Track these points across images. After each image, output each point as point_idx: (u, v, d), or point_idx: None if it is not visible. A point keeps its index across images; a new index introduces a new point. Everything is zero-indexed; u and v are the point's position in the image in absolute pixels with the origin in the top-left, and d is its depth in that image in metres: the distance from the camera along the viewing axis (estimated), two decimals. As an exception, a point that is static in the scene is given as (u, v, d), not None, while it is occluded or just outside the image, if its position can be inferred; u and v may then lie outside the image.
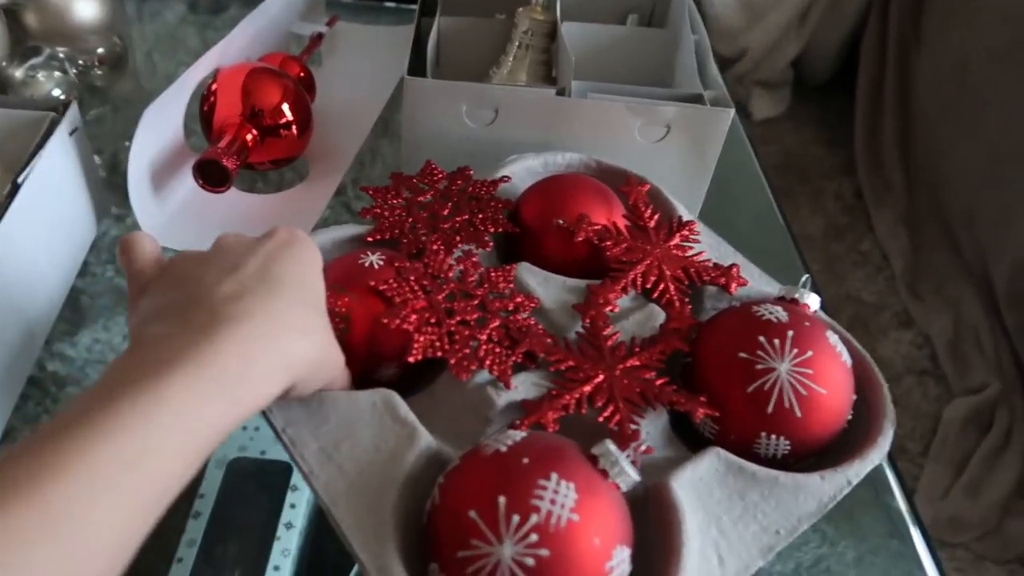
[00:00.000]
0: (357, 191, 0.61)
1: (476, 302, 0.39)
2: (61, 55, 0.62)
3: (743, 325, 0.37)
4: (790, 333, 0.36)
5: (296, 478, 0.44)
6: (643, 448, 0.33)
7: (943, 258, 1.31)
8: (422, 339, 0.36)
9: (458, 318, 0.38)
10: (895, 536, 0.48)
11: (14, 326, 0.47)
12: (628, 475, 0.30)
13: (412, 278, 0.38)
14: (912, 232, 1.38)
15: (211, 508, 0.42)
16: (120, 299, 0.53)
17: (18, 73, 0.61)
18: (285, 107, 0.57)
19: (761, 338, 0.36)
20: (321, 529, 0.44)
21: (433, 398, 0.37)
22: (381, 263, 0.38)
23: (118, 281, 0.54)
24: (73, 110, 0.50)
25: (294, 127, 0.58)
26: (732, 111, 0.52)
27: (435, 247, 0.41)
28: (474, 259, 0.41)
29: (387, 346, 0.37)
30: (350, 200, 0.61)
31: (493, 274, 0.40)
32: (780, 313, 0.37)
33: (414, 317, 0.37)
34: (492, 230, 0.44)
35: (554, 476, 0.29)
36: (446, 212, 0.44)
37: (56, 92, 0.62)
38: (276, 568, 0.41)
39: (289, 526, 0.42)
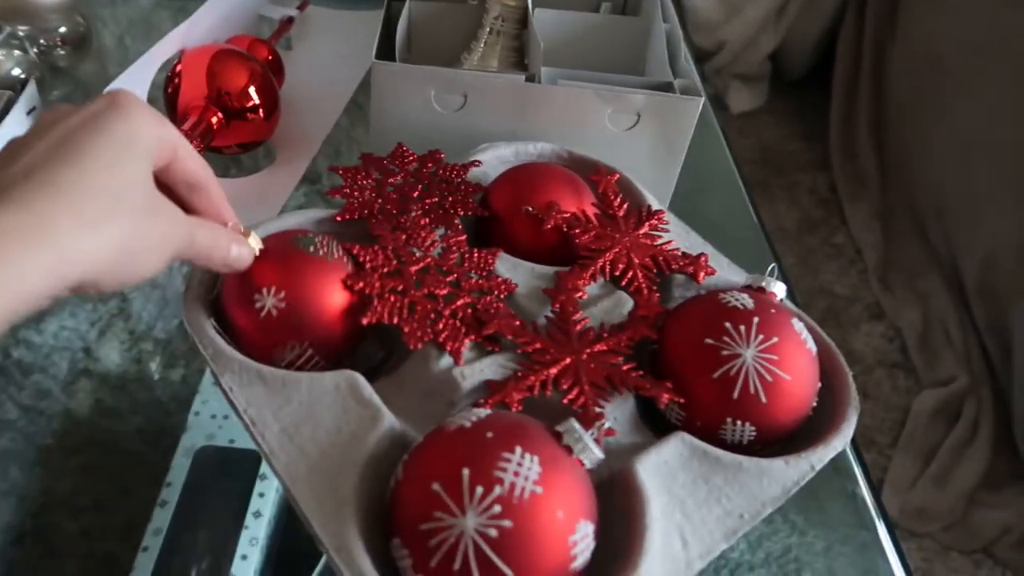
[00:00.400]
0: (334, 179, 0.60)
1: (450, 278, 0.38)
2: (21, 34, 0.61)
3: (710, 312, 0.38)
4: (755, 320, 0.36)
5: (265, 467, 0.43)
6: (605, 427, 0.33)
7: (914, 251, 1.32)
8: (380, 304, 0.36)
9: (426, 290, 0.37)
10: (864, 526, 0.48)
11: None
12: (592, 452, 0.30)
13: (389, 247, 0.38)
14: (885, 226, 1.39)
15: (178, 497, 0.42)
16: None
17: (-21, 52, 0.59)
18: (252, 90, 0.56)
19: (727, 324, 0.36)
20: (290, 518, 0.43)
21: (399, 381, 0.37)
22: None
23: None
24: (31, 89, 0.49)
25: (261, 111, 0.57)
26: (702, 99, 0.52)
27: (423, 221, 0.41)
28: (459, 238, 0.41)
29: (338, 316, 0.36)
30: (323, 185, 0.60)
31: (476, 255, 0.40)
32: (746, 300, 0.38)
33: (378, 284, 0.36)
34: (462, 213, 0.44)
35: (518, 449, 0.29)
36: (416, 194, 0.44)
37: (16, 72, 0.60)
38: (244, 557, 0.40)
39: (257, 515, 0.42)
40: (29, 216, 0.26)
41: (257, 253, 0.36)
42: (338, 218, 0.42)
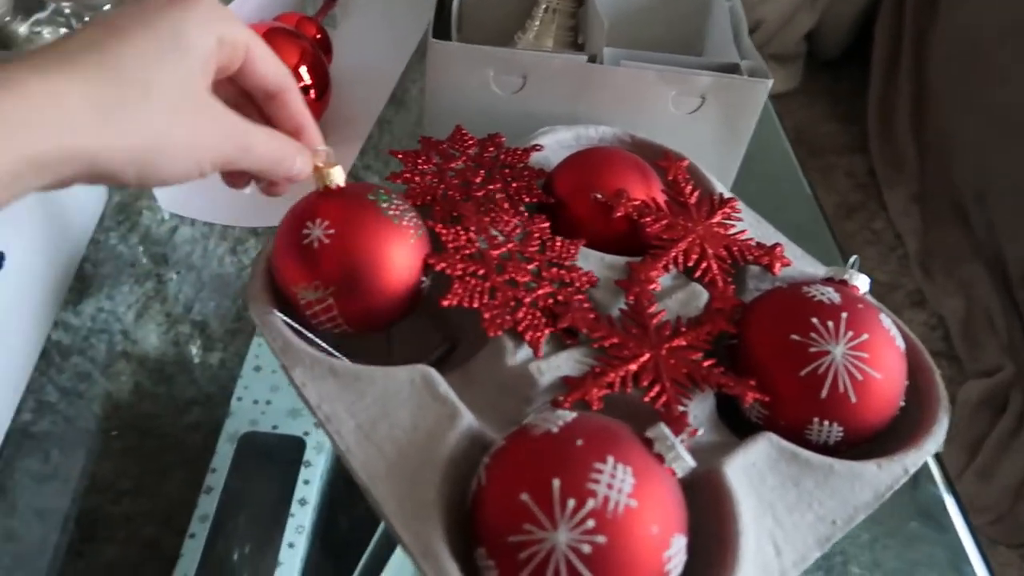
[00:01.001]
0: (366, 160, 0.59)
1: (532, 266, 0.37)
2: (67, 10, 0.60)
3: (794, 306, 0.36)
4: (844, 315, 0.35)
5: (309, 454, 0.43)
6: (691, 431, 0.32)
7: (956, 237, 1.29)
8: (461, 286, 0.35)
9: (508, 276, 0.36)
10: (911, 518, 0.47)
11: (28, 298, 0.45)
12: (684, 460, 0.29)
13: (472, 228, 0.37)
14: (925, 211, 1.36)
15: (223, 483, 0.41)
16: (124, 267, 0.52)
17: (22, 29, 0.58)
18: (303, 70, 0.55)
19: (814, 320, 0.35)
20: (335, 505, 0.43)
21: (470, 375, 0.36)
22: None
23: (121, 249, 0.53)
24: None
25: (312, 91, 0.55)
26: (770, 82, 0.50)
27: (505, 205, 0.39)
28: (542, 224, 0.39)
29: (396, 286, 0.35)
30: (357, 169, 0.59)
31: (558, 244, 0.39)
32: (832, 294, 0.36)
33: (460, 265, 0.35)
34: (527, 200, 0.42)
35: (610, 459, 0.27)
36: (478, 180, 0.43)
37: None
38: (291, 545, 0.40)
39: (303, 502, 0.41)
40: (38, 80, 0.25)
41: (339, 184, 0.35)
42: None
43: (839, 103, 1.65)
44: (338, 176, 0.35)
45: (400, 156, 0.43)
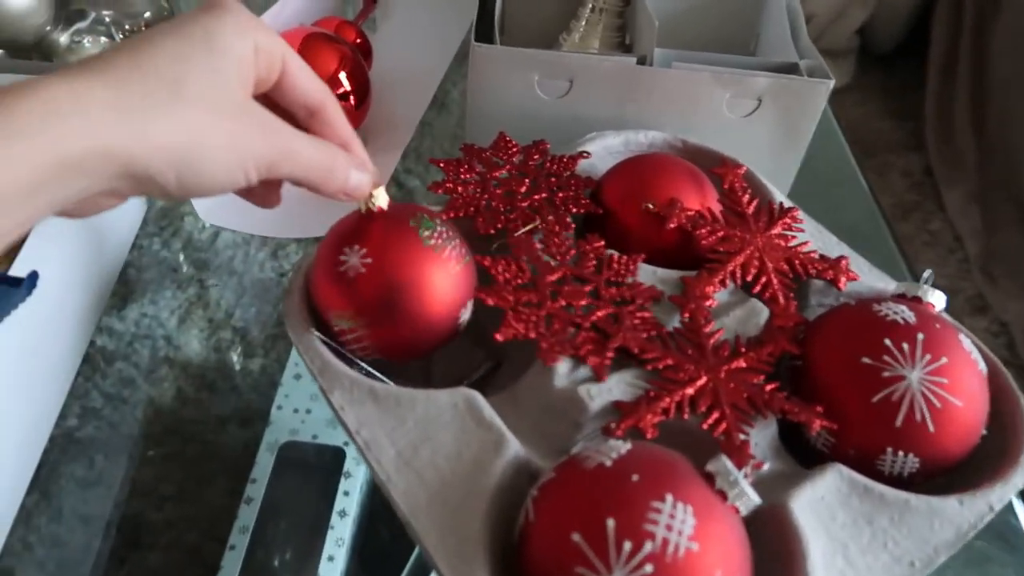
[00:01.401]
0: (406, 163, 0.57)
1: (588, 288, 0.35)
2: (107, 19, 0.60)
3: (864, 326, 0.33)
4: (920, 336, 0.32)
5: (349, 464, 0.42)
6: (756, 464, 0.29)
7: (1019, 239, 1.23)
8: (515, 318, 0.33)
9: (563, 302, 0.34)
10: (981, 537, 0.44)
11: (70, 305, 0.45)
12: (749, 497, 0.27)
13: (524, 256, 0.35)
14: (985, 211, 1.30)
15: (263, 494, 0.41)
16: (167, 272, 0.52)
17: (63, 39, 0.58)
18: (343, 75, 0.53)
19: (887, 341, 0.32)
20: (374, 517, 0.42)
21: (515, 397, 0.34)
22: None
23: (164, 254, 0.53)
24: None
25: (352, 97, 0.54)
26: (831, 82, 0.47)
27: (555, 228, 0.37)
28: (597, 244, 0.37)
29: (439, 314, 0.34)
30: (397, 173, 0.58)
31: (616, 262, 0.37)
32: (906, 313, 0.33)
33: (511, 297, 0.33)
34: (574, 211, 0.40)
35: (669, 497, 0.25)
36: (523, 190, 0.41)
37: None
38: (330, 559, 0.39)
39: (343, 514, 0.40)
40: (62, 83, 0.24)
41: (382, 206, 0.33)
42: (442, 216, 0.39)
43: (893, 99, 1.59)
44: (381, 198, 0.33)
45: (441, 165, 0.42)
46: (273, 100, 0.31)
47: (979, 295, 1.26)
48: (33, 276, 0.28)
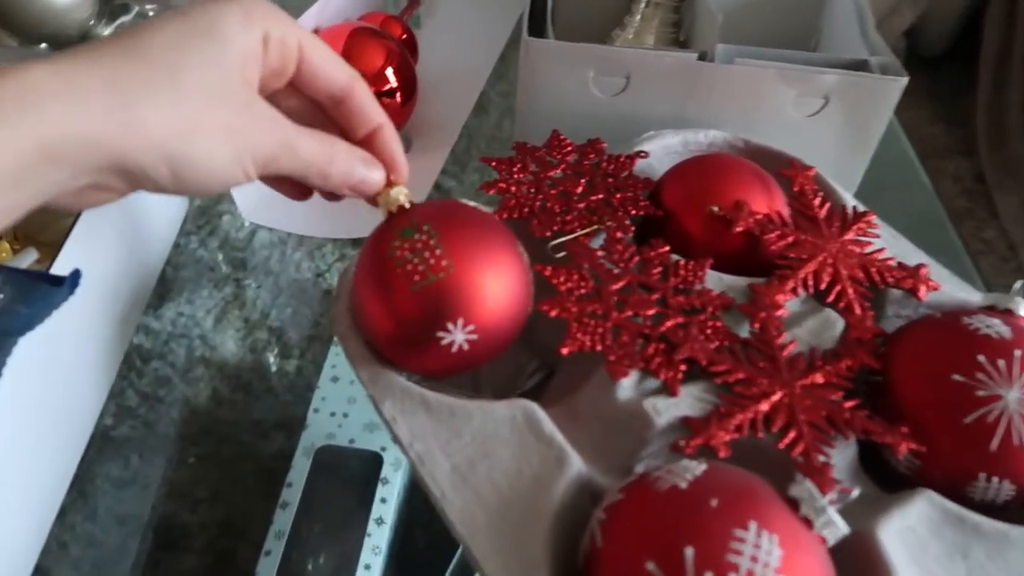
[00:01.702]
0: (443, 164, 0.56)
1: (655, 296, 0.33)
2: (150, 13, 0.59)
3: (954, 340, 0.31)
4: (1018, 352, 0.30)
5: (386, 470, 0.41)
6: (843, 488, 0.27)
7: (1077, 250, 1.19)
8: (579, 330, 0.31)
9: (629, 312, 0.32)
10: None
11: (111, 304, 0.45)
12: (836, 526, 0.25)
13: (585, 264, 0.33)
14: (1042, 220, 1.26)
15: (299, 499, 0.40)
16: (204, 272, 0.52)
17: (106, 32, 0.57)
18: (389, 72, 0.52)
19: (980, 358, 0.30)
20: (411, 524, 0.41)
21: (573, 409, 0.32)
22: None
23: (201, 253, 0.53)
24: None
25: (398, 94, 0.53)
26: (905, 80, 0.44)
27: (617, 234, 0.35)
28: (662, 250, 0.35)
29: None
30: (452, 180, 0.57)
31: (683, 268, 0.34)
32: (1000, 327, 0.31)
33: (574, 308, 0.31)
34: (632, 213, 0.38)
35: (752, 525, 0.23)
36: (579, 190, 0.39)
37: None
38: (367, 567, 0.38)
39: (380, 522, 0.39)
40: (50, 67, 0.22)
41: (403, 204, 0.31)
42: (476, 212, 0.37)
43: (942, 103, 1.54)
44: (397, 198, 0.31)
45: (494, 164, 0.40)
46: (299, 91, 0.29)
47: (1035, 306, 1.21)
48: (75, 275, 0.27)
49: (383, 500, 0.40)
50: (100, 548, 0.40)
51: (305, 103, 0.30)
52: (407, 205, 0.31)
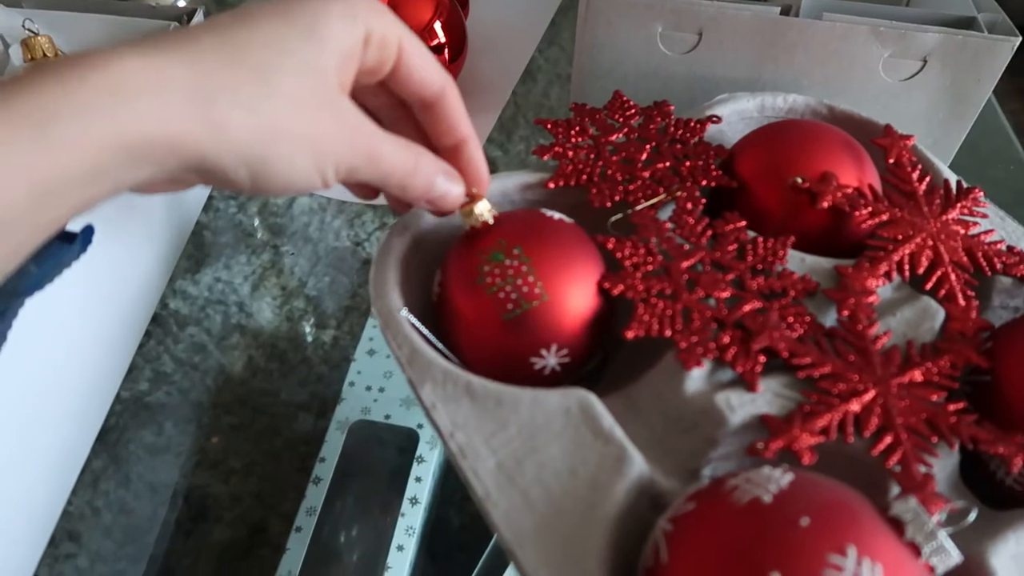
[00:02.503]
0: (493, 136, 0.53)
1: (731, 277, 0.29)
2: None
3: (1083, 338, 0.27)
4: None
5: (422, 448, 0.39)
6: (954, 508, 0.23)
7: None
8: (646, 311, 0.28)
9: (701, 293, 0.29)
10: None
11: (137, 262, 0.43)
12: (949, 553, 0.21)
13: (652, 238, 0.30)
14: None
15: (331, 475, 0.39)
16: (242, 237, 0.50)
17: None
18: (437, 26, 0.48)
19: (1114, 359, 0.25)
20: (445, 503, 0.40)
21: (633, 401, 0.29)
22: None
23: (240, 218, 0.51)
24: (198, 20, 0.43)
25: (446, 50, 0.49)
26: (1018, 40, 0.39)
27: (688, 205, 0.32)
28: (738, 224, 0.31)
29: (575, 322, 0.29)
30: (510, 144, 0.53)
31: (762, 246, 0.31)
32: None
33: (641, 286, 0.28)
34: (703, 183, 0.34)
35: (851, 551, 0.20)
36: (644, 157, 0.35)
37: (181, 2, 0.55)
38: (400, 548, 0.37)
39: (414, 502, 0.38)
40: (137, 59, 0.21)
41: (487, 220, 0.29)
42: (550, 184, 0.34)
43: (1014, 76, 1.45)
44: (481, 213, 0.29)
45: (549, 127, 0.36)
46: (388, 89, 0.28)
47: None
48: (88, 231, 0.25)
49: (418, 479, 0.38)
50: (131, 515, 0.39)
51: (393, 102, 0.29)
52: (491, 221, 0.29)
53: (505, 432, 0.26)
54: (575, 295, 0.28)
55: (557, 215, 0.30)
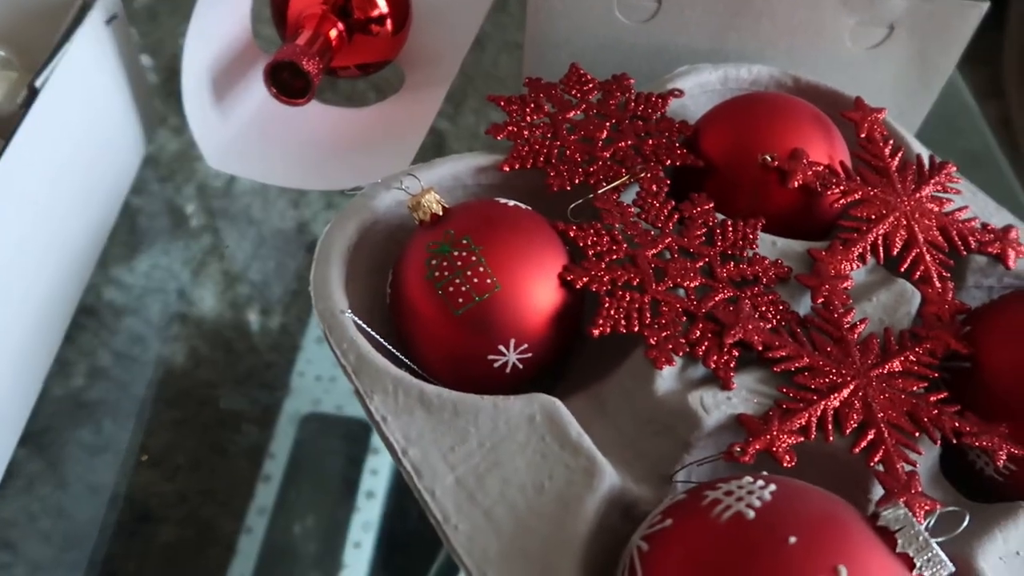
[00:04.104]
0: (441, 108, 0.50)
1: (700, 264, 0.28)
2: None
3: (1066, 321, 0.26)
4: None
5: (377, 440, 0.37)
6: (942, 511, 0.22)
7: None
8: (612, 306, 0.26)
9: (669, 283, 0.27)
10: None
11: (53, 247, 0.39)
12: (943, 564, 0.20)
13: (616, 224, 0.28)
14: (1071, 168, 1.20)
15: (282, 471, 0.38)
16: (181, 220, 0.48)
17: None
18: (379, -5, 0.45)
19: (1100, 344, 0.24)
20: (406, 496, 0.38)
21: (600, 404, 0.27)
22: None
23: (179, 201, 0.48)
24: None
25: (388, 22, 0.46)
26: (986, 6, 0.38)
27: (652, 187, 0.30)
28: (706, 207, 0.29)
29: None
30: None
31: (731, 230, 0.29)
32: (1120, 305, 0.25)
33: (606, 277, 0.26)
34: (667, 163, 0.32)
35: (843, 572, 0.18)
36: (604, 135, 0.33)
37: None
38: (357, 545, 0.36)
39: (370, 495, 0.37)
40: None
41: (435, 212, 0.27)
42: (505, 167, 0.31)
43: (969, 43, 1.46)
44: (429, 206, 0.27)
45: (503, 104, 0.34)
46: None
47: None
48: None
49: (374, 472, 0.37)
50: (71, 520, 0.37)
51: None
52: (440, 213, 0.27)
53: (464, 445, 0.24)
54: (532, 285, 0.26)
55: (512, 202, 0.28)
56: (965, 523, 0.20)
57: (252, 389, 0.41)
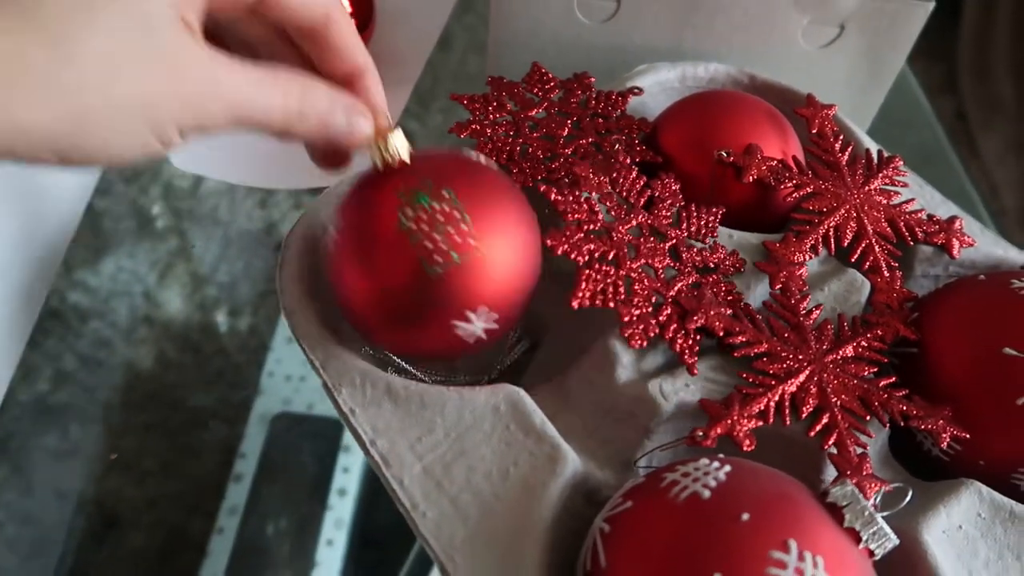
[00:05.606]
0: (409, 107, 0.50)
1: (669, 245, 0.28)
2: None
3: (1005, 307, 0.27)
4: (1079, 321, 0.26)
5: (349, 437, 0.36)
6: (887, 490, 0.23)
7: (1060, 192, 1.17)
8: (589, 279, 0.25)
9: (642, 261, 0.27)
10: None
11: (19, 251, 0.39)
12: (888, 537, 0.21)
13: (592, 193, 0.27)
14: (1024, 161, 1.23)
15: (254, 471, 0.38)
16: (146, 222, 0.47)
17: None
18: (342, -5, 0.45)
19: (1036, 327, 0.26)
20: (378, 494, 0.38)
21: (564, 393, 0.28)
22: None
23: (143, 202, 0.48)
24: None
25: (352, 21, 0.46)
26: (931, 5, 0.39)
27: (626, 160, 0.30)
28: (673, 187, 0.30)
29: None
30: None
31: (696, 214, 0.29)
32: (1056, 290, 0.27)
33: (585, 247, 0.26)
34: (627, 161, 0.33)
35: (793, 545, 0.19)
36: (565, 133, 0.33)
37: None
38: (329, 543, 0.36)
39: (342, 493, 0.38)
40: None
41: (403, 158, 0.24)
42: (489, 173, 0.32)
43: (924, 37, 1.50)
44: (398, 147, 0.24)
45: (466, 102, 0.34)
46: (262, 17, 0.23)
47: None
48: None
49: (345, 470, 0.38)
50: (38, 526, 0.37)
51: (269, 33, 0.24)
52: (407, 160, 0.24)
53: (431, 436, 0.24)
54: (509, 250, 0.24)
55: (484, 158, 0.26)
56: (908, 498, 0.22)
57: (222, 390, 0.41)
